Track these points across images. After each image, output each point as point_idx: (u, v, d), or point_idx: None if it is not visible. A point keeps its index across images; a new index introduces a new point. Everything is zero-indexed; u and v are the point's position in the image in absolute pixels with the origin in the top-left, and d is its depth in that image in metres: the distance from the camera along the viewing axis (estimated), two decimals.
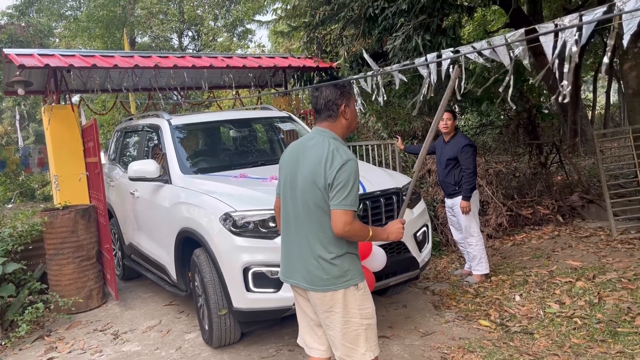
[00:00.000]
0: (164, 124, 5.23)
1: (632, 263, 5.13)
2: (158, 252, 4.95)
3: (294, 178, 2.47)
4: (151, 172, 4.70)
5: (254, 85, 8.74)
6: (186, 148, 5.17)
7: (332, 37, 8.63)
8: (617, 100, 21.24)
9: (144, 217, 5.25)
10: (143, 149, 5.71)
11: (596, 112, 20.29)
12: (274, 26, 16.79)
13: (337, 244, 2.39)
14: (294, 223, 2.47)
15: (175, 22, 20.77)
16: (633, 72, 6.19)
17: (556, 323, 4.01)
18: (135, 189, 5.33)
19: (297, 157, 2.48)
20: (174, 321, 4.93)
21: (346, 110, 2.50)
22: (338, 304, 2.39)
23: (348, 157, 2.32)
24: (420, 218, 4.37)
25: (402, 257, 4.09)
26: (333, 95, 2.48)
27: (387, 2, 7.03)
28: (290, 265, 2.52)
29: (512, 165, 8.34)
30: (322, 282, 2.38)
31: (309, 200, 2.38)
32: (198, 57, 7.57)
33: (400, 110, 8.39)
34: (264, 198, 3.71)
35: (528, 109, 8.36)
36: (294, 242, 2.47)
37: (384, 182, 4.20)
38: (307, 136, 2.56)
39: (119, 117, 18.49)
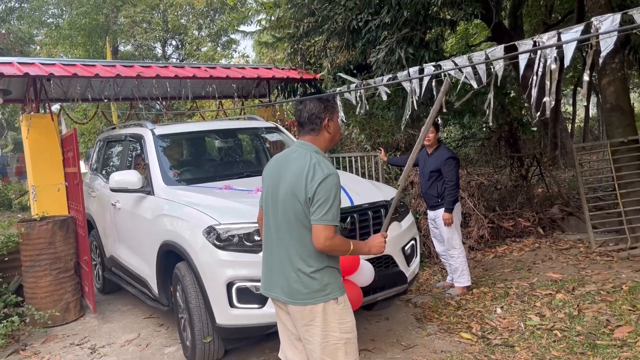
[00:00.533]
0: (147, 134, 5.13)
1: (611, 275, 5.19)
2: (139, 265, 4.84)
3: (275, 191, 2.46)
4: (133, 182, 4.59)
5: (237, 96, 8.71)
6: (170, 158, 5.08)
7: (316, 49, 8.67)
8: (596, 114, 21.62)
9: (126, 229, 5.15)
10: (125, 159, 5.60)
11: (576, 125, 20.64)
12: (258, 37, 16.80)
13: (317, 258, 2.38)
14: (275, 236, 2.46)
15: (159, 31, 20.71)
16: (611, 87, 6.31)
17: (536, 335, 4.03)
18: (117, 200, 5.23)
19: (279, 170, 2.48)
20: (154, 335, 4.85)
21: (329, 124, 2.50)
22: (318, 318, 2.38)
23: (329, 172, 2.32)
24: (408, 231, 4.34)
25: (390, 272, 4.03)
26: (317, 109, 2.48)
27: (371, 15, 7.09)
28: (271, 278, 2.50)
29: (494, 177, 8.42)
30: (301, 295, 2.37)
31: (289, 213, 2.38)
32: (181, 67, 7.54)
33: (384, 122, 8.43)
34: (249, 211, 3.63)
35: (509, 122, 8.47)
36: (275, 255, 2.46)
37: (372, 194, 4.15)
38: (290, 149, 2.56)
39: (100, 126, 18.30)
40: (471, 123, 10.23)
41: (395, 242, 4.09)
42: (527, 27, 13.72)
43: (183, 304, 4.03)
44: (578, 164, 6.78)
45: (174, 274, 4.10)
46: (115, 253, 5.51)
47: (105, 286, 6.28)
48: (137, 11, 19.54)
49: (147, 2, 20.10)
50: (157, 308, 4.64)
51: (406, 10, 6.48)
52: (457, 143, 11.08)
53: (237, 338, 3.76)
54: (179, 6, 20.09)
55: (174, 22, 20.62)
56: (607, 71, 6.30)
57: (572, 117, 19.07)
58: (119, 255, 5.40)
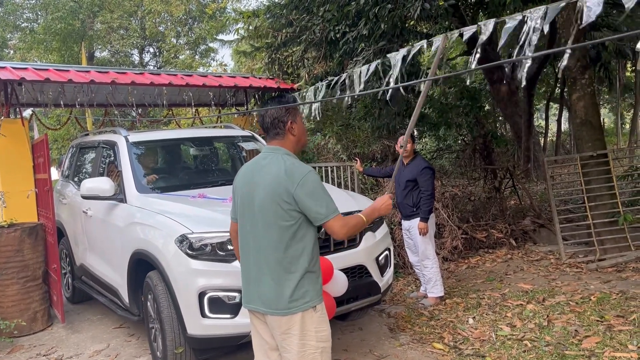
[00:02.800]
0: (120, 141, 5.05)
1: (580, 286, 5.29)
2: (110, 274, 4.75)
3: (250, 199, 2.44)
4: (105, 190, 4.52)
5: (214, 104, 8.67)
6: (143, 166, 5.00)
7: (293, 59, 8.69)
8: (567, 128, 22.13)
9: (97, 238, 5.06)
10: (98, 166, 5.49)
11: (548, 139, 21.09)
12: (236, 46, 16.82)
13: (298, 264, 2.36)
14: (253, 245, 2.44)
15: (137, 38, 20.56)
16: (581, 102, 6.47)
17: (507, 346, 4.08)
18: (88, 208, 5.13)
19: (251, 178, 2.46)
20: (124, 345, 4.76)
21: (293, 127, 2.50)
22: (295, 327, 2.37)
23: (307, 169, 2.35)
24: (382, 242, 4.33)
25: (363, 282, 3.99)
26: (278, 112, 2.48)
27: (349, 27, 7.15)
28: (250, 290, 2.48)
29: (468, 189, 8.53)
30: (280, 304, 2.35)
31: (269, 219, 2.36)
32: (157, 75, 7.47)
33: (360, 132, 8.49)
34: (223, 219, 3.56)
35: (483, 135, 8.61)
36: (253, 266, 2.44)
37: (347, 204, 4.11)
38: (259, 156, 2.54)
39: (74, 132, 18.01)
40: (446, 135, 10.38)
41: (369, 252, 4.08)
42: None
43: (154, 314, 3.96)
44: (549, 177, 6.92)
45: (145, 283, 4.04)
46: (86, 261, 5.39)
47: (75, 295, 6.13)
48: (114, 17, 19.36)
49: (125, 9, 19.95)
50: (127, 318, 4.55)
51: (383, 23, 6.55)
52: (433, 155, 11.21)
53: (209, 348, 3.70)
54: (157, 13, 19.96)
55: (152, 29, 20.48)
56: (578, 87, 6.46)
57: (544, 131, 19.48)
58: (90, 264, 5.28)
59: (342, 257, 3.81)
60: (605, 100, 24.01)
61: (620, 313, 4.45)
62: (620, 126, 22.20)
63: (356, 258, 3.95)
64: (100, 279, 5.04)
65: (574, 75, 6.47)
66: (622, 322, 4.27)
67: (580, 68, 6.42)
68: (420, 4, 6.10)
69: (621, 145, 19.44)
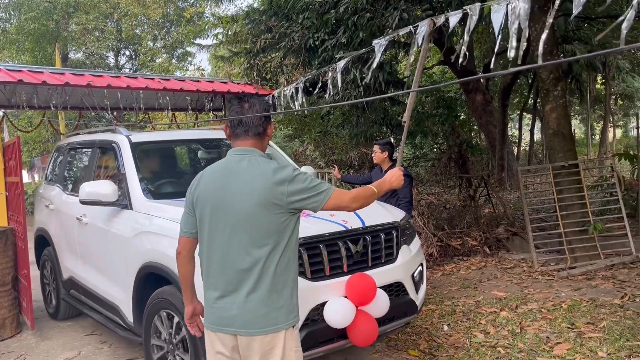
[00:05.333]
0: (122, 141, 4.55)
1: (551, 294, 5.40)
2: (109, 290, 4.30)
3: (226, 209, 2.19)
4: (107, 195, 4.05)
5: (191, 109, 8.62)
6: (148, 169, 4.54)
7: (272, 65, 8.70)
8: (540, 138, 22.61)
9: (94, 248, 4.59)
10: (93, 168, 4.98)
11: (521, 148, 21.48)
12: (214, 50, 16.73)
13: (288, 277, 2.22)
14: (231, 261, 2.19)
15: (112, 40, 20.29)
16: (553, 113, 6.61)
17: (481, 353, 4.13)
18: (84, 214, 4.64)
19: (223, 185, 2.22)
20: (95, 352, 4.66)
21: (269, 130, 2.39)
22: (279, 346, 2.20)
23: (291, 167, 2.24)
24: (417, 256, 4.02)
25: (400, 300, 3.66)
26: (263, 112, 2.33)
27: (327, 35, 7.20)
28: (224, 311, 2.21)
29: (443, 197, 8.65)
30: (268, 322, 2.17)
31: (260, 229, 2.15)
32: (134, 78, 7.39)
33: (338, 139, 8.54)
34: None
35: (459, 144, 8.74)
36: (231, 284, 2.19)
37: (381, 215, 3.87)
38: (230, 159, 2.30)
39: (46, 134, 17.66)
40: (423, 143, 10.50)
41: (406, 267, 3.77)
42: (477, 52, 14.26)
43: (169, 336, 3.51)
44: (523, 186, 7.05)
45: (153, 300, 3.59)
46: (77, 274, 4.93)
47: (60, 311, 5.54)
48: (90, 19, 19.08)
49: (101, 10, 19.68)
50: (130, 339, 4.13)
51: (362, 31, 6.61)
52: (409, 163, 11.32)
53: None
54: (134, 16, 19.75)
55: (128, 32, 20.23)
56: (550, 98, 6.61)
57: (518, 140, 19.84)
58: (82, 277, 4.81)
59: (380, 274, 3.49)
60: (576, 111, 24.61)
61: (590, 320, 4.55)
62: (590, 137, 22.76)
63: (394, 275, 3.65)
64: (95, 294, 4.59)
65: (547, 87, 6.63)
66: (591, 329, 4.37)
67: (553, 80, 6.57)
68: (399, 13, 6.18)
69: (591, 155, 19.93)
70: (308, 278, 3.20)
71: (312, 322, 3.20)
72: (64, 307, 5.49)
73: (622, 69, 16.69)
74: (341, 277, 3.32)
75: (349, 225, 3.52)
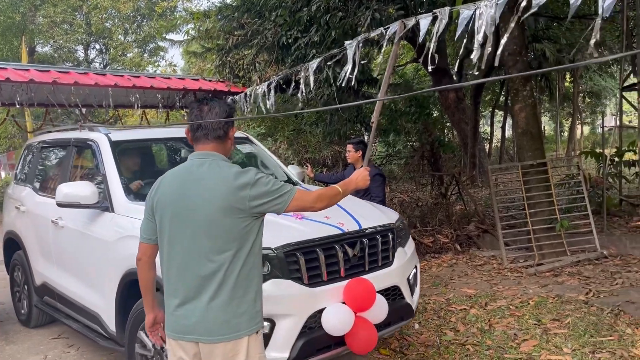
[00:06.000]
0: (101, 140, 4.29)
1: (519, 291, 5.50)
2: (89, 297, 4.07)
3: (188, 214, 2.15)
4: (87, 197, 3.82)
5: (162, 106, 8.49)
6: (128, 169, 4.33)
7: (245, 62, 8.63)
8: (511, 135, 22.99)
9: (71, 252, 4.35)
10: (69, 168, 4.71)
11: (493, 145, 21.82)
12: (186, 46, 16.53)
13: (252, 281, 2.18)
14: (192, 267, 2.15)
15: (81, 33, 19.86)
16: (522, 112, 6.73)
17: (450, 350, 4.19)
18: (59, 217, 4.38)
19: (184, 190, 2.17)
20: (62, 356, 4.58)
21: (231, 133, 2.33)
22: (241, 353, 2.15)
23: (253, 171, 2.18)
24: (412, 258, 3.94)
25: (397, 305, 3.58)
26: (224, 115, 2.27)
27: (300, 33, 7.17)
28: (184, 318, 2.17)
29: (416, 194, 8.73)
30: (231, 328, 2.12)
31: (222, 235, 2.11)
32: (102, 75, 7.24)
33: (312, 138, 8.53)
34: None
35: (431, 142, 8.82)
36: (192, 290, 2.15)
37: (377, 217, 3.80)
38: (190, 163, 2.25)
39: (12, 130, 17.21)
40: (396, 141, 10.57)
41: (402, 271, 3.69)
42: (450, 50, 14.40)
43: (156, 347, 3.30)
44: (493, 184, 7.16)
45: (139, 308, 3.35)
46: (52, 280, 4.66)
47: (33, 318, 5.27)
48: (58, 11, 18.64)
49: (69, 3, 19.25)
50: (112, 349, 3.95)
51: (334, 30, 6.61)
52: (382, 160, 11.39)
53: None
54: (104, 9, 19.36)
55: (98, 25, 19.83)
56: (520, 98, 6.72)
57: (489, 137, 20.15)
58: (58, 283, 4.56)
59: (377, 278, 3.38)
60: (546, 109, 25.11)
61: (556, 316, 4.66)
62: (559, 134, 23.26)
63: (391, 278, 3.57)
64: (73, 301, 4.34)
65: (517, 87, 6.73)
66: (557, 325, 4.47)
67: (522, 79, 6.68)
68: (371, 13, 6.20)
69: (560, 151, 20.37)
70: (305, 284, 3.08)
71: (309, 329, 3.09)
72: (36, 314, 5.23)
73: (590, 68, 17.09)
74: (338, 282, 3.21)
75: (346, 227, 3.42)
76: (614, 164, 8.47)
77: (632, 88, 9.19)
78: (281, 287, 3.00)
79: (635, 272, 5.84)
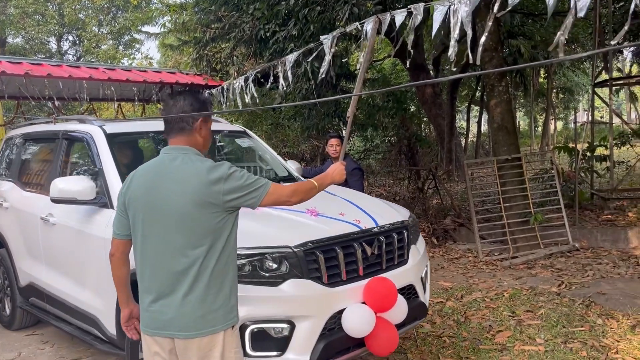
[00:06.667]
0: (96, 132, 4.03)
1: (494, 283, 5.61)
2: (85, 299, 3.83)
3: (160, 209, 2.12)
4: (83, 192, 3.59)
5: (138, 100, 8.38)
6: (128, 163, 4.08)
7: (222, 56, 8.57)
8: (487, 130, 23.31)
9: (65, 251, 4.09)
10: (59, 162, 4.41)
11: (469, 140, 22.08)
12: (163, 38, 16.31)
13: (227, 275, 2.17)
14: (166, 262, 2.13)
15: (54, 24, 19.43)
16: (498, 108, 6.83)
17: (427, 342, 4.25)
18: (50, 213, 4.10)
19: (158, 184, 2.14)
20: (36, 353, 4.50)
21: (202, 127, 2.25)
22: (217, 348, 2.13)
23: (226, 165, 2.15)
24: (424, 257, 3.83)
25: (412, 304, 3.42)
26: (189, 108, 2.22)
27: (278, 26, 7.14)
28: (159, 314, 2.15)
29: (393, 189, 8.80)
30: (206, 323, 2.11)
31: (196, 229, 2.09)
32: (76, 67, 7.12)
33: (290, 132, 8.52)
34: (259, 231, 2.97)
35: (408, 137, 8.90)
36: (167, 286, 2.13)
37: (391, 214, 3.66)
38: (163, 158, 2.21)
39: None
40: (373, 136, 10.63)
41: (417, 269, 3.57)
42: (427, 46, 14.51)
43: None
44: (469, 179, 7.27)
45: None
46: (40, 280, 4.38)
47: (16, 321, 4.95)
48: (29, 2, 18.21)
49: None
50: (111, 353, 3.70)
51: (313, 24, 6.60)
52: (361, 155, 11.44)
53: None
54: (77, 0, 18.96)
55: (71, 16, 19.41)
56: (495, 93, 6.82)
57: (465, 132, 20.39)
58: (48, 284, 4.28)
59: (393, 277, 3.24)
60: (520, 104, 25.50)
61: (529, 308, 4.77)
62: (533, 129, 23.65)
63: (407, 277, 3.44)
64: (66, 303, 4.09)
65: (492, 82, 6.83)
66: (531, 316, 4.58)
67: (497, 75, 6.78)
68: (349, 7, 6.20)
69: (535, 146, 20.72)
70: (325, 284, 2.94)
71: (329, 331, 2.95)
72: (20, 315, 4.91)
73: (563, 64, 17.40)
74: (357, 281, 3.08)
75: (362, 225, 3.29)
76: (586, 158, 8.66)
77: (603, 84, 9.40)
78: (301, 288, 2.87)
79: (605, 264, 6.01)
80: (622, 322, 4.28)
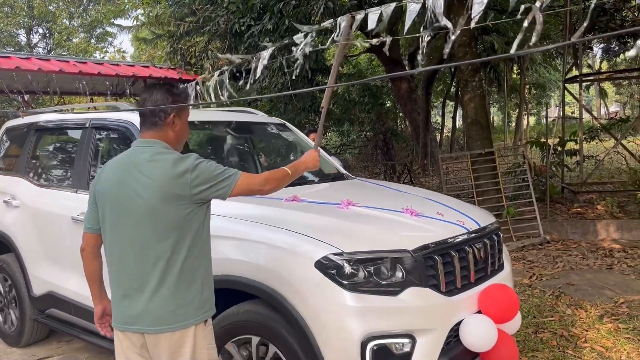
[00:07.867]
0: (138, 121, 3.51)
1: None
2: None
3: (128, 203, 2.07)
4: None
5: (110, 94, 8.25)
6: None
7: (197, 50, 8.48)
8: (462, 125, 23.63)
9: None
10: (89, 156, 3.88)
11: (444, 135, 22.34)
12: (136, 32, 16.06)
13: (199, 269, 2.13)
14: (134, 256, 2.09)
15: (23, 16, 18.94)
16: (471, 103, 6.93)
17: None
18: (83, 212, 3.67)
19: (123, 178, 2.10)
20: (7, 352, 4.40)
21: (175, 122, 2.18)
22: (187, 344, 2.09)
23: (193, 157, 2.09)
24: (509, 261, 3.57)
25: None
26: (163, 101, 2.14)
27: (254, 21, 7.11)
28: (128, 309, 2.10)
29: None
30: (177, 317, 2.06)
31: (163, 223, 2.05)
32: (46, 60, 6.96)
33: None
34: (371, 233, 2.68)
35: (384, 132, 8.96)
36: (136, 281, 2.09)
37: (484, 215, 3.35)
38: (132, 151, 2.16)
39: None
40: (350, 131, 10.67)
41: (511, 275, 3.31)
42: (402, 41, 14.61)
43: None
44: (443, 173, 7.35)
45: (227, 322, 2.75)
46: (65, 289, 3.87)
47: (25, 335, 4.34)
48: None
49: None
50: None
51: (288, 18, 6.58)
52: (337, 150, 11.47)
53: None
54: None
55: (41, 9, 18.94)
56: (469, 89, 6.91)
57: (440, 127, 20.61)
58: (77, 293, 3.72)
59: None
60: (494, 100, 25.89)
61: None
62: (507, 124, 24.05)
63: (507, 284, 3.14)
64: None
65: (466, 78, 6.92)
66: None
67: (471, 71, 6.87)
68: (324, 2, 6.21)
69: (508, 141, 21.07)
70: (443, 292, 2.60)
71: (447, 345, 2.63)
72: (30, 328, 4.34)
73: (535, 61, 17.70)
74: (470, 289, 2.77)
75: (467, 226, 2.96)
76: (557, 153, 8.83)
77: (574, 80, 9.59)
78: (421, 297, 2.55)
79: (575, 256, 6.15)
80: (590, 312, 4.39)
